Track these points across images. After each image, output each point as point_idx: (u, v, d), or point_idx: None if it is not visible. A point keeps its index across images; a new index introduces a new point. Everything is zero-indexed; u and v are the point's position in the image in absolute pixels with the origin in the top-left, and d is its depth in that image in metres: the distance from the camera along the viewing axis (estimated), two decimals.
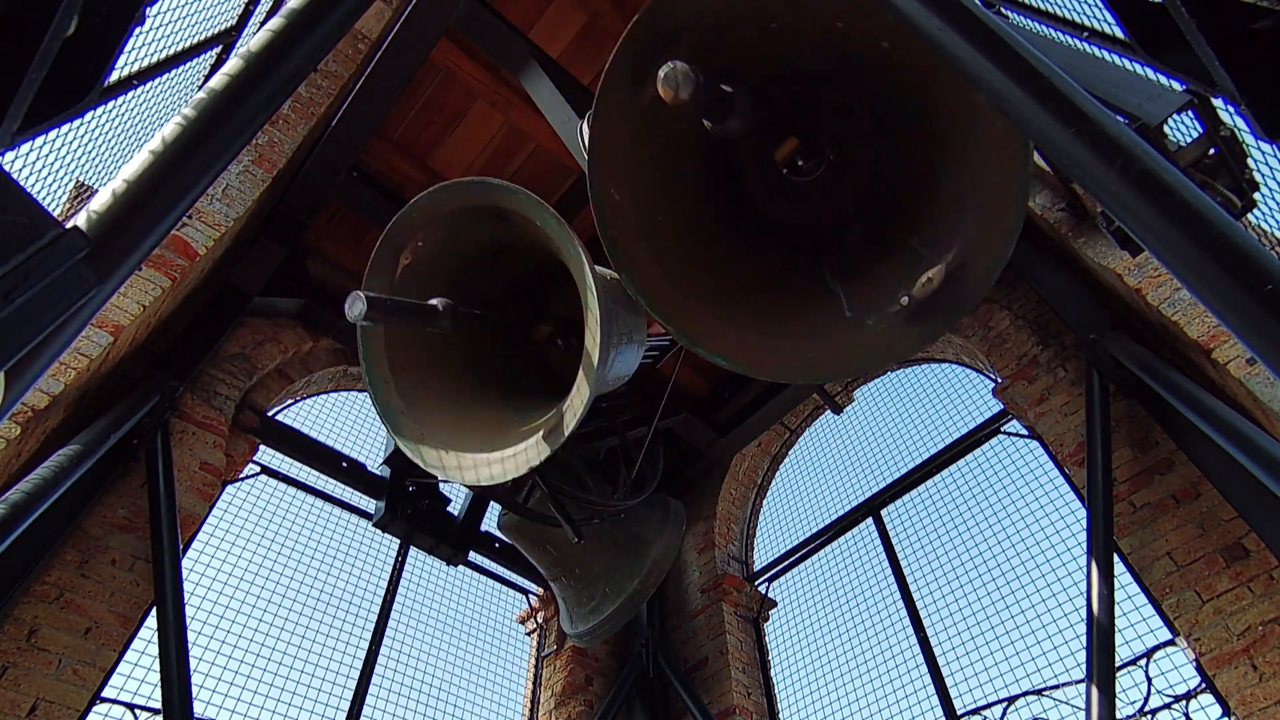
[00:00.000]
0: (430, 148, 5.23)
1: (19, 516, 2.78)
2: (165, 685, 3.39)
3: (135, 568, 3.78)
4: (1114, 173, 1.32)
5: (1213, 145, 2.37)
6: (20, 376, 1.12)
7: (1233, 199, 2.34)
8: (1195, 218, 1.21)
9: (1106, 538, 3.56)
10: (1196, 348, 3.36)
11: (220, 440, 4.48)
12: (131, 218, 1.26)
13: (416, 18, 4.10)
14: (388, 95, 4.45)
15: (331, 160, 4.69)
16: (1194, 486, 3.63)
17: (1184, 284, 1.24)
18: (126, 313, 3.61)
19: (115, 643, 3.59)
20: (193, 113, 1.40)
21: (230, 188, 4.20)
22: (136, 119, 2.51)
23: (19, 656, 3.29)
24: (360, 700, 4.43)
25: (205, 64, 3.05)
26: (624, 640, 5.66)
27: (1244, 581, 3.32)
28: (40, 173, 2.04)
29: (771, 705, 5.21)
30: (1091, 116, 1.40)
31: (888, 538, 5.20)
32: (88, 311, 1.19)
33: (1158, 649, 3.60)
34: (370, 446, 5.63)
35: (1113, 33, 2.25)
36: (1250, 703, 3.12)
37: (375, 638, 4.74)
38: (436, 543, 5.11)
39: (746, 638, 5.51)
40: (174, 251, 3.89)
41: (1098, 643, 3.29)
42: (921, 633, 4.61)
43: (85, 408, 3.81)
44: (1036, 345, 4.65)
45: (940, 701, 4.29)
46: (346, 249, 5.70)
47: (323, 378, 5.60)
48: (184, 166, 1.35)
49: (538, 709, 5.32)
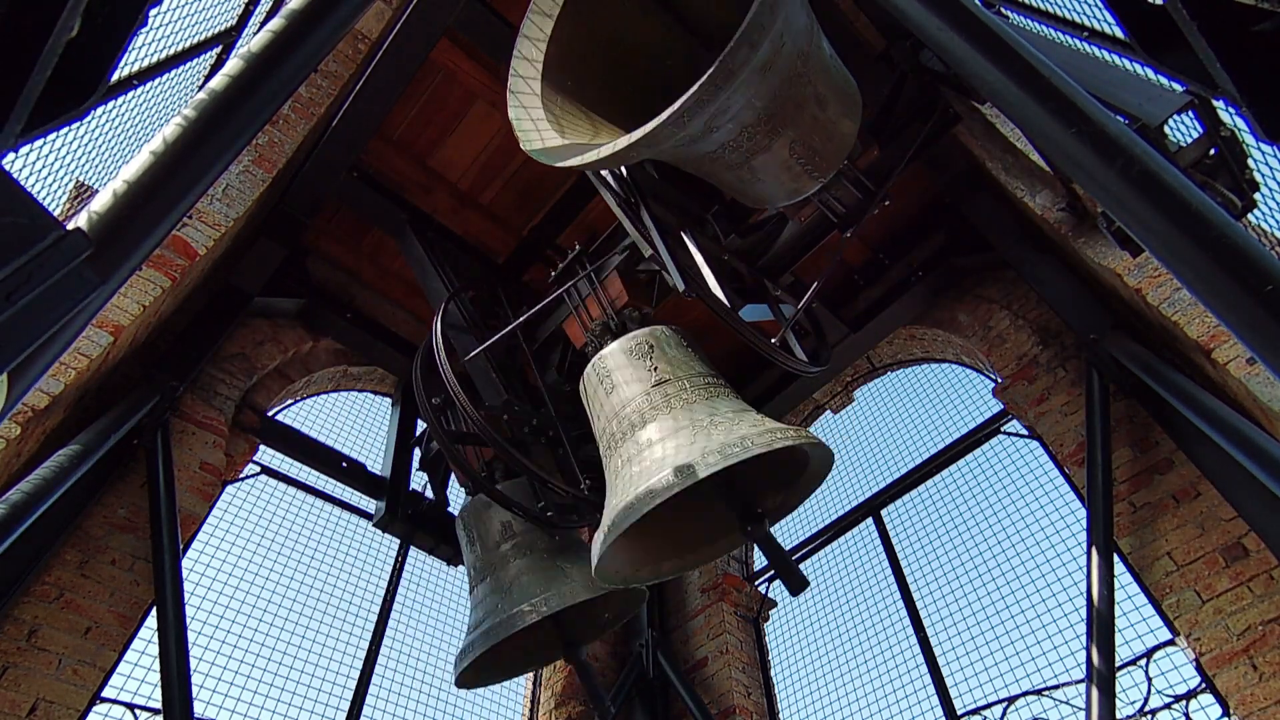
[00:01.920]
0: (430, 148, 5.23)
1: (19, 516, 2.79)
2: (165, 685, 3.39)
3: (135, 568, 3.78)
4: (1114, 173, 1.32)
5: (1213, 146, 2.37)
6: (22, 377, 1.12)
7: (1233, 199, 2.34)
8: (1195, 218, 1.21)
9: (1106, 538, 3.57)
10: (1196, 348, 3.36)
11: (220, 440, 4.48)
12: (132, 218, 1.26)
13: (416, 18, 4.10)
14: (388, 95, 4.45)
15: (331, 160, 4.69)
16: (1194, 486, 3.63)
17: (1184, 284, 1.24)
18: (126, 313, 3.61)
19: (115, 643, 3.59)
20: (193, 113, 1.40)
21: (230, 188, 4.20)
22: (136, 119, 2.51)
23: (19, 656, 3.29)
24: (360, 700, 4.43)
25: (205, 64, 3.05)
26: (624, 640, 5.66)
27: (1244, 581, 3.32)
28: (40, 173, 2.04)
29: (771, 705, 5.22)
30: (1091, 116, 1.40)
31: (888, 538, 5.20)
32: (89, 312, 1.19)
33: (1158, 649, 3.60)
34: (370, 446, 5.63)
35: (1113, 33, 2.26)
36: (1250, 703, 3.12)
37: (375, 638, 4.73)
38: (436, 543, 5.11)
39: (746, 638, 5.52)
40: (174, 251, 3.89)
41: (1098, 643, 3.30)
42: (921, 633, 4.61)
43: (85, 408, 3.81)
44: (1036, 345, 4.65)
45: (940, 701, 4.30)
46: (346, 249, 5.70)
47: (323, 378, 5.60)
48: (184, 166, 1.36)
49: (538, 709, 5.32)
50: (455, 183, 5.41)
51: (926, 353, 5.70)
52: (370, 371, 5.80)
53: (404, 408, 5.63)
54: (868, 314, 5.49)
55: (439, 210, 5.45)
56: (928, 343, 5.60)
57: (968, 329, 5.11)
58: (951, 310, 5.26)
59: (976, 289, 5.16)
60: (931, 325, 5.37)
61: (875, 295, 5.55)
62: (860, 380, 6.14)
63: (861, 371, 6.08)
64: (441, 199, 5.42)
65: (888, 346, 5.81)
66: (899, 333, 5.62)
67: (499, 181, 5.41)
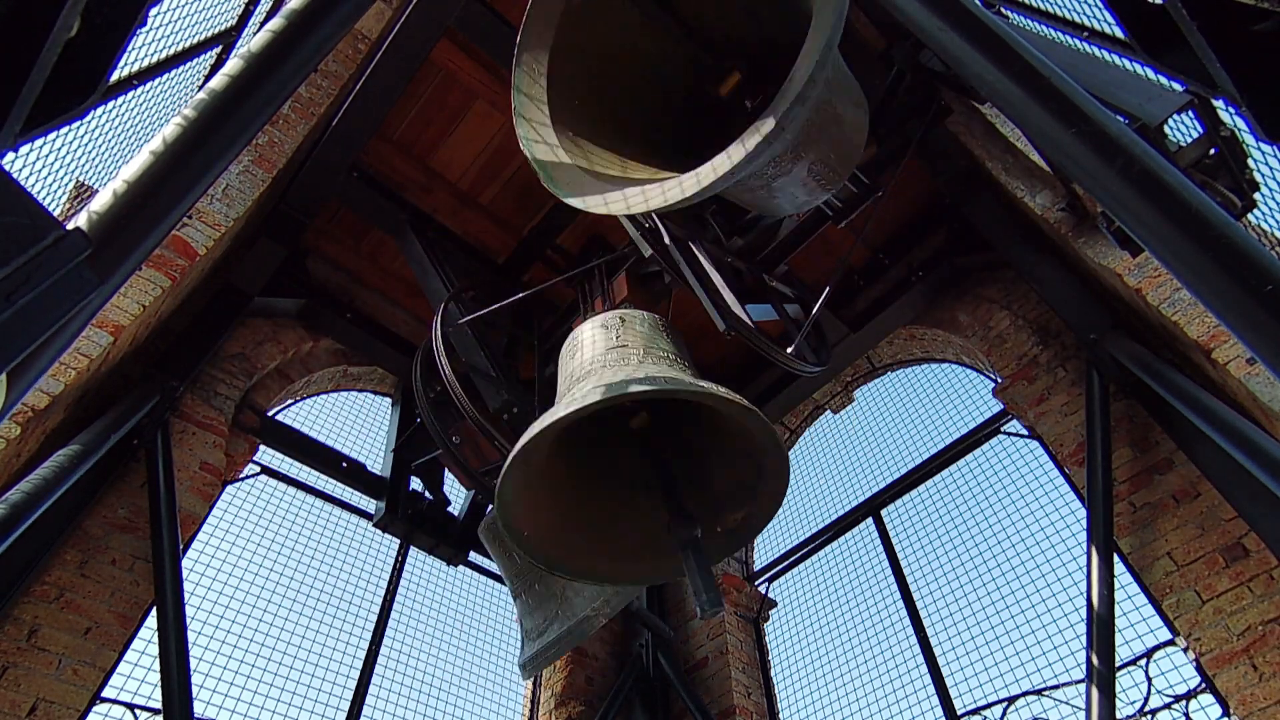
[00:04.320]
0: (430, 148, 5.23)
1: (19, 516, 2.79)
2: (165, 685, 3.39)
3: (135, 568, 3.78)
4: (1114, 173, 1.32)
5: (1213, 145, 2.38)
6: (21, 377, 1.12)
7: (1233, 199, 2.34)
8: (1195, 218, 1.21)
9: (1106, 538, 3.57)
10: (1196, 348, 3.36)
11: (220, 440, 4.48)
12: (132, 218, 1.26)
13: (416, 18, 4.10)
14: (388, 95, 4.45)
15: (331, 160, 4.69)
16: (1194, 486, 3.63)
17: (1184, 284, 1.24)
18: (126, 313, 3.61)
19: (115, 643, 3.59)
20: (193, 113, 1.40)
21: (230, 188, 4.20)
22: (136, 119, 2.51)
23: (19, 656, 3.29)
24: (360, 700, 4.43)
25: (205, 64, 3.05)
26: (624, 640, 5.66)
27: (1244, 581, 3.32)
28: (40, 173, 2.05)
29: (771, 705, 5.22)
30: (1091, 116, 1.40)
31: (888, 538, 5.20)
32: (89, 312, 1.19)
33: (1158, 649, 3.60)
34: (370, 446, 5.64)
35: (1113, 33, 2.26)
36: (1250, 703, 3.12)
37: (375, 638, 4.74)
38: (436, 543, 5.11)
39: (746, 638, 5.52)
40: (174, 251, 3.89)
41: (1098, 642, 3.29)
42: (921, 633, 4.61)
43: (85, 408, 3.81)
44: (1036, 345, 4.65)
45: (940, 701, 4.30)
46: (346, 249, 5.70)
47: (323, 378, 5.60)
48: (184, 166, 1.35)
49: (538, 709, 5.32)
50: (455, 183, 5.41)
51: (926, 353, 5.70)
52: (370, 371, 5.80)
53: (404, 408, 5.63)
54: (868, 314, 5.49)
55: (439, 210, 5.45)
56: (928, 343, 5.60)
57: (968, 329, 5.11)
58: (951, 310, 5.26)
59: (976, 289, 5.16)
60: (931, 325, 5.37)
61: (875, 295, 5.56)
62: (860, 380, 6.14)
63: (861, 371, 6.09)
64: (441, 199, 5.42)
65: (888, 346, 5.81)
66: (899, 333, 5.62)
67: (499, 181, 5.41)
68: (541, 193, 5.47)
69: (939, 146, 4.54)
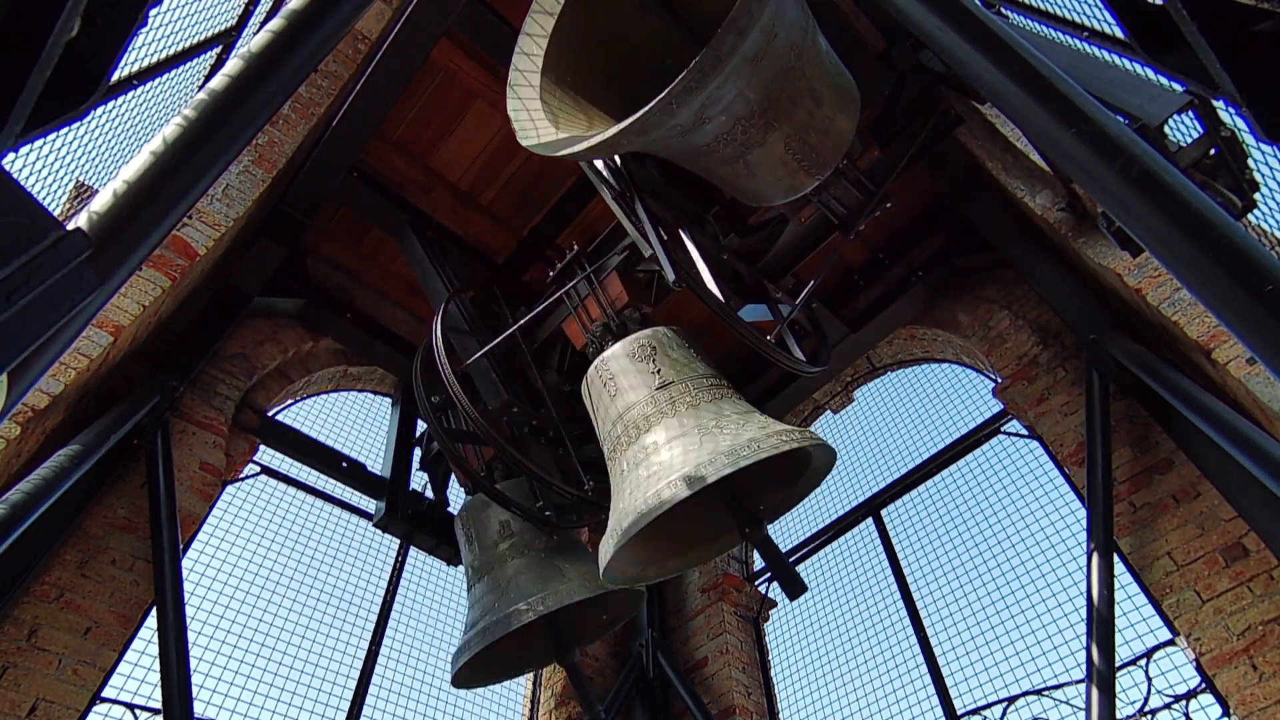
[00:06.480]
0: (430, 148, 5.23)
1: (19, 516, 2.78)
2: (165, 685, 3.39)
3: (135, 568, 3.78)
4: (1114, 173, 1.32)
5: (1213, 146, 2.38)
6: (22, 377, 1.12)
7: (1233, 199, 2.34)
8: (1195, 218, 1.21)
9: (1106, 538, 3.57)
10: (1196, 348, 3.36)
11: (220, 440, 4.47)
12: (132, 218, 1.26)
13: (416, 18, 4.10)
14: (388, 95, 4.45)
15: (331, 160, 4.69)
16: (1194, 486, 3.63)
17: (1184, 284, 1.24)
18: (126, 313, 3.61)
19: (115, 643, 3.59)
20: (193, 113, 1.40)
21: (230, 188, 4.20)
22: (136, 119, 2.51)
23: (19, 656, 3.29)
24: (360, 700, 4.43)
25: (205, 64, 3.05)
26: (624, 640, 5.66)
27: (1244, 581, 3.32)
28: (40, 173, 2.04)
29: (771, 705, 5.22)
30: (1091, 116, 1.40)
31: (888, 538, 5.20)
32: (89, 312, 1.19)
33: (1158, 649, 3.60)
34: (370, 446, 5.63)
35: (1113, 33, 2.26)
36: (1250, 703, 3.12)
37: (375, 638, 4.74)
38: (437, 543, 5.11)
39: (746, 638, 5.52)
40: (174, 251, 3.89)
41: (1098, 642, 3.29)
42: (921, 633, 4.61)
43: (85, 408, 3.81)
44: (1036, 345, 4.65)
45: (940, 701, 4.30)
46: (346, 249, 5.70)
47: (323, 378, 5.60)
48: (184, 166, 1.35)
49: (538, 709, 5.32)
50: (455, 183, 5.41)
51: (926, 353, 5.70)
52: (370, 371, 5.80)
53: (404, 408, 5.63)
54: (868, 314, 5.49)
55: (439, 210, 5.45)
56: (928, 343, 5.60)
57: (968, 329, 5.11)
58: (951, 310, 5.26)
59: (976, 289, 5.16)
60: (931, 325, 5.37)
61: (875, 295, 5.55)
62: (860, 380, 6.14)
63: (861, 371, 6.08)
64: (441, 199, 5.42)
65: (888, 346, 5.81)
66: (899, 333, 5.62)
67: (499, 181, 5.41)
68: (541, 193, 5.47)
69: (939, 148, 4.54)
